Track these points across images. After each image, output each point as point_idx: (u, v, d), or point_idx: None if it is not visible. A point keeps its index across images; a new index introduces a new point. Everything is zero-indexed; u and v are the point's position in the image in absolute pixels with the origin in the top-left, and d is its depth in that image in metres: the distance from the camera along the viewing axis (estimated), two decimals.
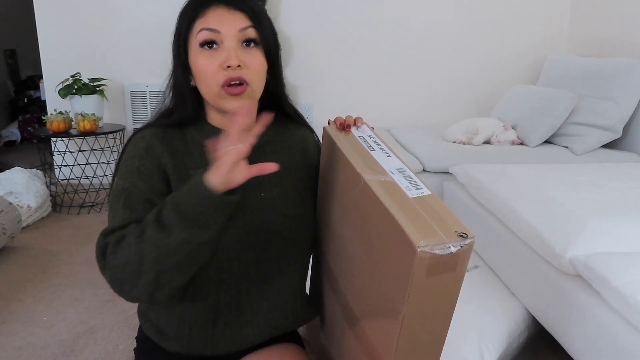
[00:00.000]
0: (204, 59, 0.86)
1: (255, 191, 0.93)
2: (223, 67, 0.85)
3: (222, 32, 0.85)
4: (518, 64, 3.47)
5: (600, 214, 1.40)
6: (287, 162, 0.97)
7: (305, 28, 3.37)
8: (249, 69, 0.86)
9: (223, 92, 0.86)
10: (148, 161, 0.87)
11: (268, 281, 0.95)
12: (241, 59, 0.85)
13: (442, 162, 2.38)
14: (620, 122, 2.49)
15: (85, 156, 3.14)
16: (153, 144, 0.89)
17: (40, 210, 2.84)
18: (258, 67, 0.88)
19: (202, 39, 0.85)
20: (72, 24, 3.32)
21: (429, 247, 0.63)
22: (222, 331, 0.95)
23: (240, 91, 0.86)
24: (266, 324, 0.97)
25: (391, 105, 3.49)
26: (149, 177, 0.86)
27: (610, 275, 1.17)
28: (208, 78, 0.86)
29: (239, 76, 0.85)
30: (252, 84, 0.87)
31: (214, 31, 0.85)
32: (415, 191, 0.73)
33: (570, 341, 1.32)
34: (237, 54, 0.85)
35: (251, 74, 0.87)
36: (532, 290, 1.50)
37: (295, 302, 1.00)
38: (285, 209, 0.94)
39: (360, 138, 0.88)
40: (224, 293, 0.92)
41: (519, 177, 1.80)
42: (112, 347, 1.62)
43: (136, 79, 3.38)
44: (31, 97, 5.26)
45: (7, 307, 1.89)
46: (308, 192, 0.99)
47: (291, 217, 0.94)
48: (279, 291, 0.97)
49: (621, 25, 2.91)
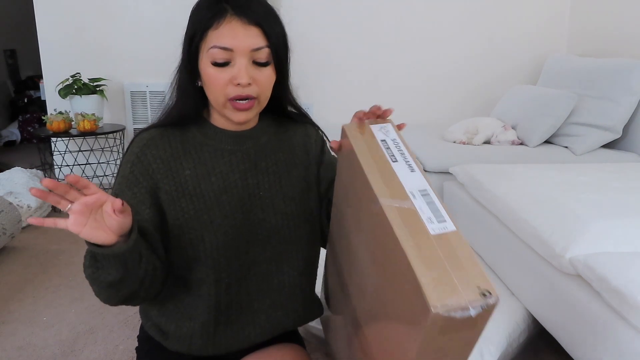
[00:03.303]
0: (215, 71, 0.85)
1: (255, 190, 0.93)
2: (233, 83, 0.85)
3: (235, 50, 0.83)
4: (518, 64, 3.47)
5: (600, 214, 1.40)
6: (287, 160, 0.97)
7: (305, 28, 3.36)
8: (259, 85, 0.86)
9: (230, 105, 0.87)
10: (137, 169, 0.89)
11: (268, 280, 0.95)
12: (252, 76, 0.85)
13: (442, 162, 2.38)
14: (620, 122, 2.49)
15: (85, 156, 3.14)
16: (147, 149, 0.90)
17: (40, 210, 2.84)
18: (267, 83, 0.88)
19: (214, 57, 0.84)
20: (72, 24, 3.32)
21: (446, 310, 0.55)
22: (223, 330, 0.95)
23: (248, 107, 0.87)
24: (267, 322, 0.97)
25: (391, 105, 3.45)
26: (135, 185, 0.88)
27: (610, 275, 1.17)
28: (216, 90, 0.86)
29: (248, 94, 0.85)
30: (259, 98, 0.88)
31: (227, 50, 0.83)
32: (438, 225, 0.65)
33: (570, 341, 1.32)
34: (248, 71, 0.84)
35: (260, 89, 0.87)
36: (532, 290, 1.50)
37: (297, 301, 1.00)
38: (284, 208, 0.94)
39: (383, 143, 0.79)
40: (224, 292, 0.93)
41: (519, 177, 1.80)
42: (112, 347, 1.62)
43: (136, 79, 3.38)
44: (31, 97, 5.26)
45: (7, 307, 1.89)
46: (310, 191, 0.99)
47: (290, 216, 0.94)
48: (279, 290, 0.97)
49: (621, 25, 2.91)
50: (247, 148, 0.94)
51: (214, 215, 0.89)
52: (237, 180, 0.92)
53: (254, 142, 0.95)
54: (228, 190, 0.91)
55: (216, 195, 0.90)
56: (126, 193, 0.88)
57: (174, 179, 0.89)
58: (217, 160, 0.92)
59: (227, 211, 0.90)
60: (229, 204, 0.91)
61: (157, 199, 0.89)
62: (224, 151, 0.93)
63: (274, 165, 0.95)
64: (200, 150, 0.92)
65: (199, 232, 0.89)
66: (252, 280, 0.94)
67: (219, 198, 0.90)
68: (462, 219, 2.05)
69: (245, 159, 0.94)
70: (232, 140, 0.93)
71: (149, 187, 0.88)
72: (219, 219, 0.90)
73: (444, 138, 2.77)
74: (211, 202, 0.90)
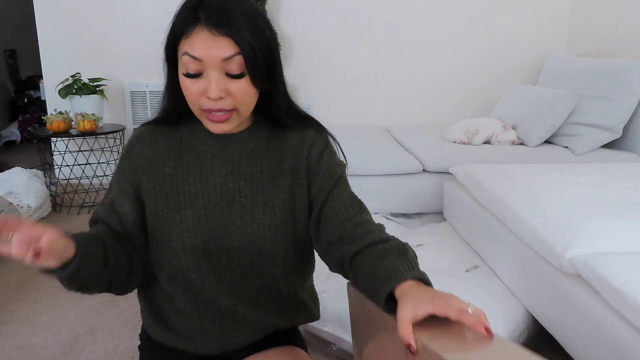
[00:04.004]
0: (188, 82, 0.83)
1: (234, 195, 0.91)
2: (205, 95, 0.82)
3: (204, 61, 0.80)
4: (518, 64, 3.47)
5: (601, 214, 1.40)
6: (273, 168, 0.93)
7: (305, 28, 3.37)
8: (233, 97, 0.83)
9: (205, 115, 0.85)
10: (126, 163, 0.93)
11: (244, 286, 0.93)
12: (225, 89, 0.82)
13: (442, 162, 2.38)
14: (620, 122, 2.49)
15: (85, 156, 3.13)
16: (135, 145, 0.93)
17: (40, 210, 2.84)
18: (243, 95, 0.84)
19: (186, 67, 0.82)
20: (72, 24, 3.32)
21: None
22: (211, 331, 0.95)
23: (224, 119, 0.84)
24: (252, 325, 0.96)
25: (391, 105, 3.49)
26: (122, 178, 0.92)
27: (610, 275, 1.17)
28: (191, 101, 0.85)
29: (220, 107, 0.83)
30: (237, 109, 0.85)
31: (197, 60, 0.80)
32: None
33: (570, 341, 1.32)
34: (219, 85, 0.81)
35: (236, 101, 0.84)
36: (532, 290, 1.50)
37: (280, 305, 0.97)
38: (262, 217, 0.90)
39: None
40: (199, 294, 0.92)
41: (519, 177, 1.80)
42: (112, 347, 1.62)
43: (136, 79, 3.38)
44: (31, 97, 5.26)
45: (7, 307, 1.89)
46: (295, 200, 0.93)
47: (268, 226, 0.90)
48: (257, 295, 0.94)
49: (621, 25, 2.91)
50: (232, 152, 0.92)
51: (185, 216, 0.89)
52: (216, 184, 0.90)
53: (240, 147, 0.93)
54: (205, 193, 0.90)
55: (192, 196, 0.90)
56: (115, 185, 0.93)
57: (154, 176, 0.91)
58: (199, 161, 0.91)
59: (200, 214, 0.89)
60: (204, 207, 0.89)
61: (139, 193, 0.92)
62: (207, 153, 0.92)
63: (258, 172, 0.92)
64: (184, 150, 0.92)
65: (167, 231, 0.89)
66: (227, 285, 0.92)
67: (194, 200, 0.90)
68: (462, 219, 2.05)
69: (228, 163, 0.92)
70: (217, 143, 0.92)
71: (133, 181, 0.92)
72: (190, 220, 0.89)
73: (444, 138, 2.77)
74: (185, 203, 0.90)
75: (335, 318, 1.50)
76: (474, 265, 1.76)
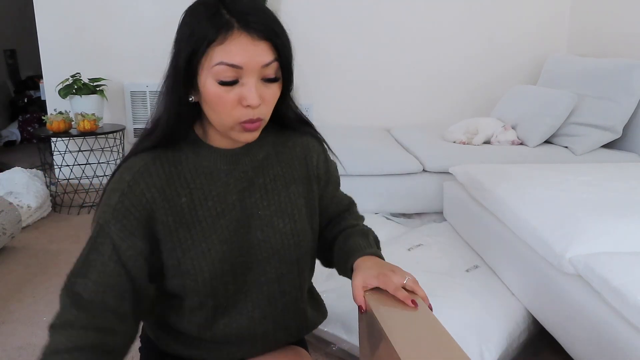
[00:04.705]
0: (221, 91, 0.77)
1: (253, 209, 0.89)
2: (242, 104, 0.78)
3: (244, 68, 0.76)
4: (518, 64, 3.47)
5: (601, 214, 1.40)
6: (285, 176, 0.92)
7: (305, 28, 3.36)
8: (266, 104, 0.81)
9: (239, 127, 0.81)
10: (129, 199, 0.81)
11: (270, 302, 0.91)
12: (261, 95, 0.79)
13: (442, 162, 2.38)
14: (620, 122, 2.49)
15: (85, 156, 3.13)
16: (140, 178, 0.82)
17: (40, 210, 2.84)
18: (274, 100, 0.82)
19: (220, 75, 0.76)
20: (72, 24, 3.32)
21: None
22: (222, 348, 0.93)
23: (257, 127, 0.82)
24: (269, 343, 0.95)
25: (391, 105, 3.49)
26: (124, 217, 0.81)
27: (610, 275, 1.17)
28: (224, 112, 0.79)
29: (258, 117, 0.80)
30: (265, 117, 0.83)
31: (236, 67, 0.76)
32: None
33: (570, 341, 1.32)
34: (258, 91, 0.78)
35: (267, 108, 0.82)
36: (532, 290, 1.50)
37: (298, 319, 0.97)
38: (283, 227, 0.90)
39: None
40: (221, 316, 0.90)
41: (519, 177, 1.80)
42: None
43: (136, 79, 3.38)
44: (31, 97, 5.26)
45: (7, 307, 1.89)
46: (308, 207, 0.94)
47: (290, 234, 0.90)
48: (282, 312, 0.93)
49: (621, 25, 2.91)
50: (244, 166, 0.89)
51: (211, 243, 0.85)
52: (234, 202, 0.87)
53: (251, 159, 0.90)
54: (226, 214, 0.86)
55: (213, 220, 0.86)
56: (112, 224, 0.81)
57: (171, 208, 0.83)
58: (213, 182, 0.87)
59: (225, 236, 0.86)
60: (227, 227, 0.86)
61: (152, 229, 0.83)
62: (220, 172, 0.87)
63: (271, 181, 0.91)
64: (195, 174, 0.86)
65: (197, 261, 0.84)
66: (252, 303, 0.90)
67: (216, 223, 0.86)
68: (462, 219, 2.05)
69: (243, 177, 0.89)
70: (228, 159, 0.88)
71: (143, 217, 0.82)
72: (217, 245, 0.85)
73: (444, 138, 2.77)
74: (208, 229, 0.85)
75: (335, 318, 1.50)
76: (474, 265, 1.76)
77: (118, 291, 0.81)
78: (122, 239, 0.81)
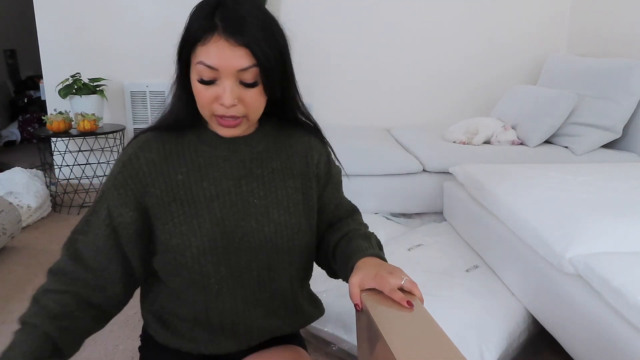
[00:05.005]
0: (201, 88, 0.83)
1: (249, 197, 0.91)
2: (218, 101, 0.83)
3: (220, 70, 0.81)
4: (518, 64, 3.47)
5: (601, 214, 1.40)
6: (284, 169, 0.95)
7: (305, 28, 3.36)
8: (245, 105, 0.84)
9: (214, 119, 0.86)
10: (127, 170, 0.89)
11: (261, 288, 0.94)
12: (237, 96, 0.83)
13: (442, 162, 2.38)
14: (620, 122, 2.49)
15: (85, 156, 3.14)
16: (140, 152, 0.89)
17: (40, 210, 2.84)
18: (255, 103, 0.85)
19: (200, 73, 0.82)
20: (72, 24, 3.32)
21: None
22: (218, 334, 0.95)
23: (234, 124, 0.86)
24: (262, 329, 0.97)
25: (391, 105, 3.49)
26: (122, 186, 0.88)
27: (610, 275, 1.17)
28: (202, 106, 0.86)
29: (232, 115, 0.84)
30: (247, 116, 0.86)
31: (212, 69, 0.81)
32: None
33: (570, 341, 1.32)
34: (233, 93, 0.82)
35: (247, 109, 0.85)
36: (532, 290, 1.50)
37: (291, 308, 0.99)
38: (277, 217, 0.92)
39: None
40: (214, 299, 0.91)
41: (519, 177, 1.80)
42: (112, 347, 1.62)
43: (136, 79, 3.38)
44: (31, 97, 5.26)
45: (7, 307, 1.89)
46: (305, 203, 0.96)
47: (284, 226, 0.92)
48: (272, 298, 0.95)
49: (621, 25, 2.91)
50: (243, 155, 0.93)
51: (203, 221, 0.88)
52: (230, 187, 0.91)
53: (250, 149, 0.94)
54: (220, 197, 0.90)
55: (207, 201, 0.89)
56: (111, 192, 0.88)
57: (165, 183, 0.89)
58: (211, 166, 0.91)
59: (217, 218, 0.89)
60: (221, 210, 0.90)
61: (144, 202, 0.88)
62: (219, 157, 0.92)
63: (270, 173, 0.94)
64: (195, 155, 0.91)
65: (186, 236, 0.88)
66: (243, 288, 0.92)
67: (209, 204, 0.89)
68: (462, 219, 2.05)
69: (240, 165, 0.92)
70: (227, 146, 0.92)
71: (137, 190, 0.88)
72: (207, 224, 0.88)
73: (444, 138, 2.77)
74: (201, 208, 0.89)
75: (335, 318, 1.50)
76: (474, 265, 1.76)
77: (108, 254, 0.88)
78: (116, 206, 0.88)
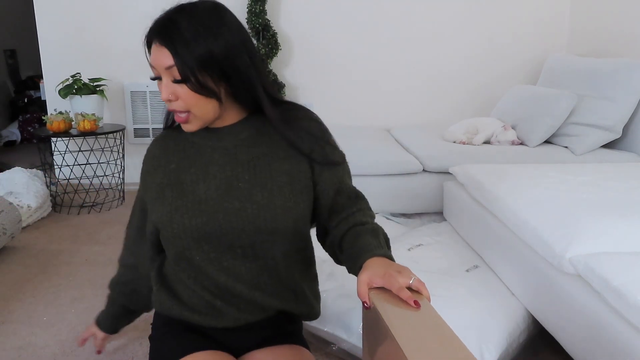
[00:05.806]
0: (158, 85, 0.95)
1: (233, 181, 0.98)
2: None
3: (156, 68, 0.93)
4: (518, 64, 3.47)
5: (601, 214, 1.40)
6: (269, 154, 1.00)
7: (305, 28, 3.37)
8: (182, 100, 0.93)
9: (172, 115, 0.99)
10: (145, 166, 1.07)
11: (245, 266, 0.99)
12: (172, 92, 0.92)
13: (442, 162, 2.39)
14: (620, 122, 2.49)
15: (85, 156, 3.14)
16: (149, 150, 1.08)
17: (40, 210, 2.84)
18: (190, 100, 0.92)
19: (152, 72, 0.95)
20: (72, 24, 3.32)
21: None
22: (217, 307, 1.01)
23: (183, 120, 0.96)
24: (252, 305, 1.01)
25: (391, 105, 3.49)
26: (144, 180, 1.07)
27: (610, 275, 1.17)
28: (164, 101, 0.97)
29: (172, 109, 0.95)
30: (192, 110, 0.94)
31: (152, 67, 0.93)
32: None
33: (570, 341, 1.32)
34: (168, 89, 0.92)
35: (184, 104, 0.93)
36: (532, 290, 1.50)
37: (279, 286, 1.03)
38: (260, 199, 0.97)
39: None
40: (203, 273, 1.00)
41: (519, 177, 1.80)
42: (113, 348, 1.63)
43: (136, 79, 3.38)
44: (31, 97, 5.26)
45: (7, 307, 1.89)
46: (293, 184, 0.99)
47: (266, 207, 0.96)
48: (257, 276, 1.00)
49: (621, 25, 2.91)
50: (227, 143, 1.01)
51: (187, 201, 0.98)
52: (215, 172, 0.99)
53: (234, 137, 1.01)
54: (206, 181, 0.99)
55: (193, 183, 0.99)
56: (140, 190, 1.09)
57: (163, 172, 1.02)
58: (200, 155, 1.02)
59: (200, 198, 0.97)
60: (205, 192, 0.98)
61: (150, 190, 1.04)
62: (207, 147, 1.02)
63: (254, 158, 1.00)
64: (188, 147, 1.03)
65: (173, 214, 0.97)
66: (227, 264, 0.98)
67: (195, 186, 0.99)
68: (462, 219, 2.05)
69: (225, 153, 1.00)
70: (214, 136, 1.02)
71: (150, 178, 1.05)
72: (190, 203, 0.97)
73: (444, 138, 2.77)
74: (187, 190, 0.99)
75: (335, 318, 1.50)
76: (474, 265, 1.76)
77: (142, 232, 1.09)
78: (141, 192, 1.09)
